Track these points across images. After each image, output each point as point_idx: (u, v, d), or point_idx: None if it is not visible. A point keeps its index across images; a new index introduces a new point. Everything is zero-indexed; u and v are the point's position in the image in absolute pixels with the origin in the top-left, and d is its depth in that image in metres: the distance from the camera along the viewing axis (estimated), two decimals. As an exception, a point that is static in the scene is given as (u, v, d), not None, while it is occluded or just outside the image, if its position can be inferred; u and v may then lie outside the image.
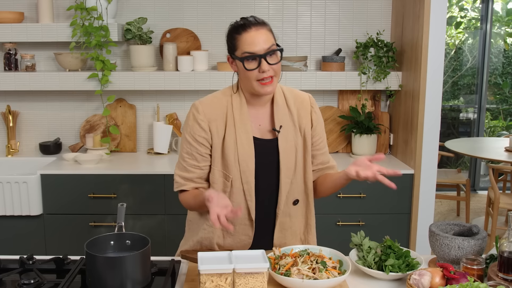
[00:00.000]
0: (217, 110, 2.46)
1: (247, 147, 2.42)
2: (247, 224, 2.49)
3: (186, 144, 2.47)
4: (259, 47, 2.30)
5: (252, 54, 2.30)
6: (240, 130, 2.43)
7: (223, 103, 2.48)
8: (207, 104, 2.47)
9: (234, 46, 2.37)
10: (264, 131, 2.50)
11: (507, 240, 2.09)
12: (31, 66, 4.47)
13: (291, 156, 2.48)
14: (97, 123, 4.68)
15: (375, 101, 4.71)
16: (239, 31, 2.34)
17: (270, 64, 2.32)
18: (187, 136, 2.47)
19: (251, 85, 2.37)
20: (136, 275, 2.04)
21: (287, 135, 2.48)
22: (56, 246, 4.14)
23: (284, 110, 2.51)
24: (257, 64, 2.32)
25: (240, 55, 2.34)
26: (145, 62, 4.42)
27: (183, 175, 2.49)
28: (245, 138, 2.43)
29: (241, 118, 2.44)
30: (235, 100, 2.48)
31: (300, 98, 2.58)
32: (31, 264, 2.26)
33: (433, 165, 4.17)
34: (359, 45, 4.51)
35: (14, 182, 4.01)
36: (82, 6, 4.23)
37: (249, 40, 2.31)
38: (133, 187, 4.09)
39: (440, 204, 7.39)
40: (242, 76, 2.42)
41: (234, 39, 2.37)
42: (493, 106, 8.82)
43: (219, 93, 2.54)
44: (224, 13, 4.61)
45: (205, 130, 2.43)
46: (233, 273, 1.98)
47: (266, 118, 2.51)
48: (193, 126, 2.45)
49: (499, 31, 8.68)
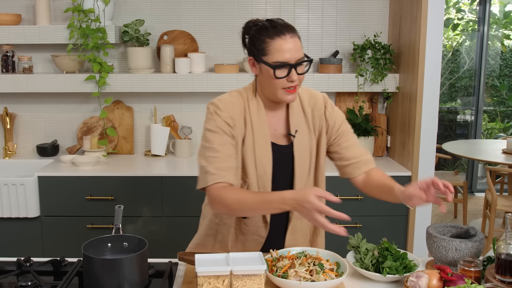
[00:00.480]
0: (237, 111, 2.38)
1: (265, 153, 2.39)
2: (261, 226, 2.48)
3: (216, 136, 2.33)
4: (291, 56, 2.23)
5: (283, 63, 2.23)
6: (258, 134, 2.38)
7: (241, 104, 2.40)
8: (227, 103, 2.38)
9: (263, 50, 2.26)
10: (279, 136, 2.46)
11: (504, 242, 2.10)
12: (29, 68, 4.47)
13: (305, 161, 2.46)
14: (94, 125, 4.68)
15: (372, 103, 4.71)
16: (271, 35, 2.25)
17: (298, 74, 2.27)
18: (214, 128, 2.33)
19: (274, 92, 2.31)
20: (134, 277, 2.04)
21: (302, 139, 2.45)
22: (54, 248, 4.14)
23: (299, 114, 2.47)
24: (287, 72, 2.24)
25: (271, 61, 2.24)
26: (142, 64, 4.42)
27: (218, 166, 2.29)
28: (263, 143, 2.39)
29: (259, 123, 2.39)
30: (252, 103, 2.41)
31: (314, 98, 2.52)
32: (29, 266, 2.26)
33: (431, 167, 4.17)
34: (356, 47, 4.51)
35: (11, 184, 4.00)
36: (79, 8, 4.23)
37: (282, 47, 2.23)
38: (131, 189, 4.09)
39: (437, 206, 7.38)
40: (265, 82, 2.33)
41: (264, 42, 2.26)
42: (490, 108, 8.84)
43: (235, 93, 2.45)
44: (222, 15, 4.62)
45: (232, 127, 2.34)
46: (231, 275, 1.98)
47: (281, 122, 2.47)
48: (219, 121, 2.34)
49: (496, 33, 8.70)
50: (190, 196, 4.09)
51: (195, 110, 4.73)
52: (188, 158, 4.58)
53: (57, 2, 4.53)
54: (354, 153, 2.50)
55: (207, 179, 2.27)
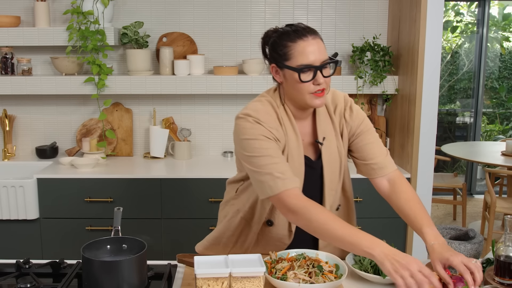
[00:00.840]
0: (276, 121, 2.30)
1: (298, 165, 2.33)
2: (285, 234, 2.45)
3: (266, 143, 2.21)
4: (316, 58, 2.16)
5: (308, 66, 2.16)
6: (292, 146, 2.32)
7: (275, 115, 2.31)
8: (265, 113, 2.28)
9: (286, 55, 2.20)
10: (306, 145, 2.40)
11: (503, 244, 2.09)
12: (28, 70, 4.47)
13: (335, 168, 2.41)
14: (93, 127, 4.68)
15: (371, 105, 4.72)
16: (293, 38, 2.18)
17: (324, 77, 2.20)
18: (260, 137, 2.22)
19: (302, 97, 2.23)
20: (133, 279, 2.03)
21: (331, 146, 2.39)
22: (53, 250, 4.14)
23: (326, 119, 2.41)
24: (312, 76, 2.17)
25: (296, 65, 2.17)
26: (141, 66, 4.42)
27: (284, 170, 2.18)
28: (297, 156, 2.33)
29: (293, 134, 2.32)
30: (283, 113, 2.33)
31: (336, 100, 2.45)
32: (28, 268, 2.25)
33: (430, 169, 4.17)
34: (355, 49, 4.51)
35: (10, 186, 4.00)
36: (78, 10, 4.23)
37: (306, 50, 2.16)
38: (130, 191, 4.09)
39: (436, 208, 7.40)
40: (291, 88, 2.25)
41: (286, 47, 2.19)
42: (489, 110, 8.84)
43: (265, 101, 2.34)
44: (221, 18, 4.62)
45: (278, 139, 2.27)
46: (230, 277, 1.98)
47: (308, 131, 2.41)
48: (264, 131, 2.23)
49: (495, 35, 8.71)
50: (189, 198, 4.09)
51: (194, 112, 4.73)
52: (187, 160, 4.58)
53: (56, 4, 4.53)
54: (371, 153, 2.41)
55: (277, 185, 2.15)
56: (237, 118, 2.32)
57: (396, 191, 2.35)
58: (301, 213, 2.11)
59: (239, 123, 2.30)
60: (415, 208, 2.25)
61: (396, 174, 2.40)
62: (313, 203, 2.13)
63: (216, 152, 4.83)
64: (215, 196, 4.07)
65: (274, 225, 2.44)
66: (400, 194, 2.33)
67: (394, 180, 2.38)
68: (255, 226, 2.47)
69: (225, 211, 2.63)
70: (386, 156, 2.42)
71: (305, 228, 2.14)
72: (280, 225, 2.44)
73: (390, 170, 2.40)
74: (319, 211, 2.09)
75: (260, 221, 2.45)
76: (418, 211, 2.23)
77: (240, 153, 2.30)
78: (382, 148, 2.44)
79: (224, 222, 2.58)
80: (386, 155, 2.43)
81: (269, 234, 2.47)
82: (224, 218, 2.60)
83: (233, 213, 2.55)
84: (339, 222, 2.07)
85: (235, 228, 2.53)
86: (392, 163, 2.42)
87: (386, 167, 2.39)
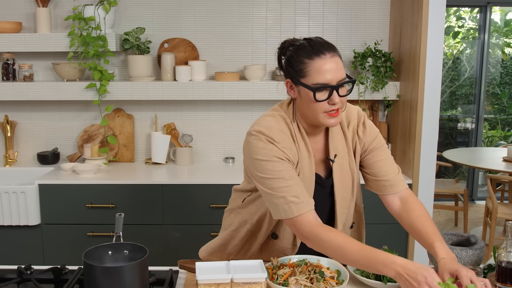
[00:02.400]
0: (290, 138, 2.25)
1: (309, 183, 2.30)
2: (289, 247, 2.44)
3: (279, 165, 2.17)
4: (332, 77, 2.10)
5: (324, 85, 2.10)
6: (304, 163, 2.28)
7: (288, 132, 2.26)
8: (278, 131, 2.23)
9: (302, 72, 2.14)
10: (317, 162, 2.36)
11: (505, 250, 2.09)
12: (29, 76, 4.48)
13: (347, 186, 2.38)
14: (95, 133, 4.68)
15: (373, 111, 4.72)
16: (310, 55, 2.12)
17: (340, 96, 2.14)
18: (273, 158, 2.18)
19: (315, 116, 2.18)
20: (134, 285, 2.03)
21: (342, 163, 2.35)
22: (54, 256, 4.13)
23: (339, 135, 2.36)
24: (328, 95, 2.11)
25: (311, 84, 2.12)
26: (143, 72, 4.42)
27: (298, 193, 2.16)
28: (308, 173, 2.29)
29: (305, 151, 2.28)
30: (296, 130, 2.28)
31: (350, 116, 2.40)
32: (29, 274, 2.25)
33: (431, 175, 4.17)
34: (357, 55, 4.51)
35: (12, 192, 4.00)
36: (80, 16, 4.24)
37: (323, 68, 2.10)
38: (131, 197, 4.09)
39: (438, 214, 7.39)
40: (305, 106, 2.20)
41: (302, 63, 2.13)
42: (491, 116, 8.84)
43: (278, 117, 2.29)
44: (222, 23, 4.62)
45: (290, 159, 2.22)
46: (231, 283, 1.98)
47: (320, 147, 2.37)
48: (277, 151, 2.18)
49: (497, 41, 8.71)
50: (190, 204, 4.09)
51: (196, 118, 4.74)
52: (189, 166, 4.58)
53: (58, 10, 4.54)
54: (382, 170, 2.38)
55: (291, 209, 2.14)
56: (249, 134, 2.26)
57: (407, 209, 2.33)
58: (315, 241, 2.12)
59: (251, 141, 2.24)
60: (426, 225, 2.23)
61: (408, 193, 2.39)
62: (326, 230, 2.11)
63: (218, 158, 4.83)
64: (216, 202, 4.07)
65: (279, 239, 2.43)
66: (412, 212, 2.31)
67: (406, 198, 2.37)
68: (261, 238, 2.46)
69: (230, 219, 2.60)
70: (398, 174, 2.40)
71: (320, 251, 2.15)
72: (285, 239, 2.43)
73: (402, 188, 2.39)
74: (331, 236, 2.09)
75: (266, 234, 2.44)
76: (429, 227, 2.21)
77: (252, 172, 2.26)
78: (394, 166, 2.42)
79: (229, 231, 2.56)
80: (398, 172, 2.41)
81: (273, 246, 2.47)
82: (229, 227, 2.57)
83: (239, 223, 2.52)
84: (351, 242, 2.07)
85: (241, 238, 2.52)
86: (403, 181, 2.40)
87: (397, 184, 2.38)
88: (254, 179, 2.27)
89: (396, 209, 2.37)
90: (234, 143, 4.78)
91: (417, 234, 2.24)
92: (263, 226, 2.42)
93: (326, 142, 2.37)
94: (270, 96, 4.39)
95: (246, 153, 2.29)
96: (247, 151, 2.27)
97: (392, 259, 1.95)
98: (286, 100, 2.37)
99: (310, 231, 2.12)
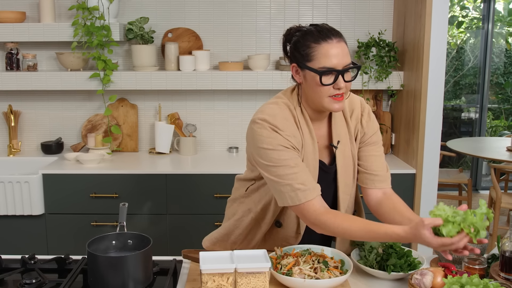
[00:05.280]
0: (294, 125, 2.26)
1: (312, 169, 2.31)
2: (293, 236, 2.45)
3: (284, 153, 2.18)
4: (339, 62, 2.11)
5: (330, 69, 2.11)
6: (307, 150, 2.29)
7: (292, 119, 2.27)
8: (282, 119, 2.23)
9: (309, 56, 2.15)
10: (320, 148, 2.37)
11: (509, 239, 2.10)
12: (33, 66, 4.47)
13: (349, 171, 2.40)
14: (98, 122, 4.68)
15: (377, 100, 4.71)
16: (317, 40, 2.13)
17: (345, 81, 2.15)
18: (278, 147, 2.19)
19: (320, 100, 2.18)
20: (138, 275, 2.04)
21: (345, 150, 2.37)
22: (58, 245, 4.15)
23: (341, 122, 2.37)
24: (333, 79, 2.12)
25: (318, 67, 2.12)
26: (146, 62, 4.42)
27: (304, 180, 2.18)
28: (312, 160, 2.30)
29: (309, 138, 2.29)
30: (300, 116, 2.28)
31: (353, 104, 2.42)
32: (33, 263, 2.26)
33: (435, 165, 4.17)
34: (361, 45, 4.50)
35: (16, 181, 4.01)
36: (83, 6, 4.23)
37: (330, 52, 2.11)
38: (135, 186, 4.09)
39: (442, 204, 7.37)
40: (310, 90, 2.21)
41: (309, 47, 2.14)
42: (495, 106, 8.82)
43: (282, 104, 2.29)
44: (226, 13, 4.61)
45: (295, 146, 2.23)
46: (235, 273, 1.98)
47: (323, 133, 2.37)
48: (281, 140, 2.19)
49: (501, 30, 8.68)
50: (194, 194, 4.09)
51: (200, 108, 4.73)
52: (193, 156, 4.58)
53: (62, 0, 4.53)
54: (374, 165, 2.41)
55: (298, 196, 2.16)
56: (253, 122, 2.26)
57: (393, 200, 2.37)
58: (322, 227, 2.16)
59: (255, 129, 2.24)
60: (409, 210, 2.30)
61: (392, 191, 2.43)
62: (331, 216, 2.15)
63: (222, 148, 4.83)
64: (220, 191, 4.07)
65: (283, 227, 2.43)
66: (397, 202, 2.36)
67: (391, 194, 2.41)
68: (265, 227, 2.46)
69: (234, 208, 2.61)
70: (388, 172, 2.45)
71: (329, 235, 2.21)
72: (289, 227, 2.43)
73: (388, 186, 2.43)
74: (336, 220, 2.13)
75: (270, 222, 2.44)
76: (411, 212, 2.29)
77: (256, 160, 2.26)
78: (385, 163, 2.47)
79: (233, 220, 2.56)
80: (387, 170, 2.45)
81: (277, 235, 2.47)
82: (233, 216, 2.58)
83: (243, 212, 2.52)
84: (355, 222, 2.12)
85: (244, 227, 2.52)
86: (390, 180, 2.45)
87: (386, 181, 2.42)
88: (258, 167, 2.27)
89: (378, 199, 2.40)
90: (238, 133, 4.77)
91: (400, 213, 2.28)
92: (268, 215, 2.42)
93: (329, 128, 2.38)
94: (274, 86, 4.38)
95: (250, 141, 2.29)
96: (251, 139, 2.27)
97: (392, 230, 2.02)
98: (290, 87, 2.38)
99: (317, 218, 2.15)
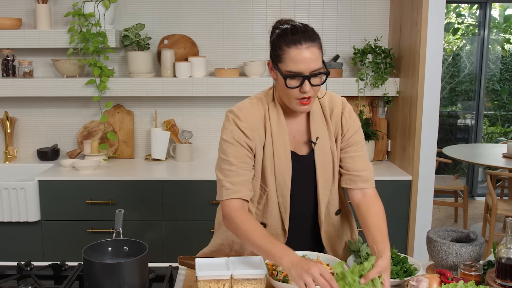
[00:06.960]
0: (257, 119, 2.34)
1: (284, 161, 2.35)
2: (280, 233, 2.46)
3: (232, 148, 2.31)
4: (306, 67, 2.13)
5: (296, 74, 2.14)
6: (278, 143, 2.34)
7: (261, 111, 2.35)
8: (247, 111, 2.33)
9: (279, 57, 2.18)
10: (298, 143, 2.41)
11: (504, 246, 2.09)
12: (29, 72, 4.47)
13: (328, 168, 2.41)
14: (94, 129, 4.68)
15: (372, 107, 4.72)
16: (288, 43, 2.15)
17: (312, 86, 2.18)
18: (230, 140, 2.31)
19: (287, 101, 2.25)
20: (134, 281, 2.03)
21: (324, 146, 2.40)
22: (54, 252, 4.14)
23: (320, 119, 2.40)
24: (300, 83, 2.16)
25: (284, 71, 2.17)
26: (142, 69, 4.42)
27: (233, 180, 2.28)
28: (283, 151, 2.34)
29: (279, 130, 2.34)
30: (272, 110, 2.35)
31: (333, 103, 2.45)
32: (29, 270, 2.26)
33: (431, 171, 4.17)
34: (356, 51, 4.51)
35: (11, 188, 4.00)
36: (80, 13, 4.24)
37: (297, 58, 2.13)
38: (131, 193, 4.09)
39: (437, 210, 7.39)
40: (280, 89, 2.27)
41: (280, 49, 2.17)
42: (491, 112, 8.84)
43: (255, 99, 2.39)
44: (222, 20, 4.62)
45: (250, 138, 2.31)
46: (231, 279, 1.98)
47: (301, 129, 2.42)
48: (236, 132, 2.31)
49: (496, 37, 8.71)
50: (190, 200, 4.09)
51: (196, 114, 4.74)
52: (189, 162, 4.58)
53: (58, 6, 4.53)
54: (356, 165, 2.42)
55: (222, 193, 2.29)
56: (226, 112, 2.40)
57: (369, 204, 2.38)
58: (230, 222, 2.25)
59: (224, 120, 2.40)
60: (381, 224, 2.30)
61: (373, 192, 2.44)
62: (243, 215, 2.23)
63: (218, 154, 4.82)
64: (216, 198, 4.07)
65: (268, 226, 2.45)
66: (372, 208, 2.36)
67: (370, 195, 2.42)
68: None
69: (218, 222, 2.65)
70: (371, 171, 2.46)
71: (236, 235, 2.28)
72: (273, 225, 2.45)
73: (371, 186, 2.44)
74: (244, 221, 2.20)
75: None
76: (382, 228, 2.28)
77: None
78: (369, 163, 2.48)
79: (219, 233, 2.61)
80: (371, 170, 2.46)
81: None
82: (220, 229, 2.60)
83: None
84: (260, 233, 2.14)
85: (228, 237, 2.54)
86: (373, 179, 2.45)
87: (369, 181, 2.43)
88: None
89: (357, 200, 2.42)
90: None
91: (368, 229, 2.29)
92: None
93: (308, 124, 2.42)
94: (270, 93, 4.38)
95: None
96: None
97: (289, 251, 2.02)
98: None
99: (229, 213, 2.25)
